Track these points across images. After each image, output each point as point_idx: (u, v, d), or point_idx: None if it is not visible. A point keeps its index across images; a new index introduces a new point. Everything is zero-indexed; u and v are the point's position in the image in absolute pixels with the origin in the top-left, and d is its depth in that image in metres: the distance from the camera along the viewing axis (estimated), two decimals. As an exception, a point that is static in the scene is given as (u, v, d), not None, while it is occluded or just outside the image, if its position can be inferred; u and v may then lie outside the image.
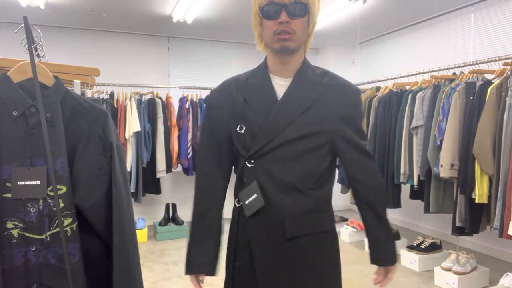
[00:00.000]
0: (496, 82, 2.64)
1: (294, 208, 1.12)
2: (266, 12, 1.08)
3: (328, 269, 1.16)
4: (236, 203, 1.24)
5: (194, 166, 4.64)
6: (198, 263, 1.20)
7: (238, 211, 1.24)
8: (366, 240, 4.17)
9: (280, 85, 1.16)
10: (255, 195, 1.15)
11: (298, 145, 1.12)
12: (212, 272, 1.21)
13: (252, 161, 1.15)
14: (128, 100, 4.25)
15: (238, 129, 1.16)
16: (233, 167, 1.33)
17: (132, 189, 4.23)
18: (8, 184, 0.99)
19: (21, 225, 1.00)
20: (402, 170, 3.35)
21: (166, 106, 4.53)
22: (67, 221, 1.02)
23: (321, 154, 1.14)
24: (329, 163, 1.17)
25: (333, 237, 1.19)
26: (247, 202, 1.16)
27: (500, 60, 2.74)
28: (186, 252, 1.22)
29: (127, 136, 4.14)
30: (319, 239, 1.15)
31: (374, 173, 1.19)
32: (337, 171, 5.16)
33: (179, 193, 5.22)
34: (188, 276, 1.21)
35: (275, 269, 1.12)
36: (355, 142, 1.16)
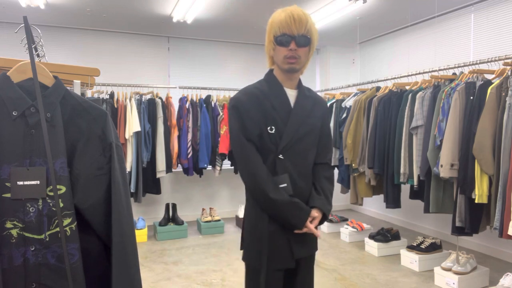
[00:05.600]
0: (496, 82, 2.64)
1: (308, 189, 1.55)
2: (280, 41, 1.45)
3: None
4: None
5: (194, 166, 4.64)
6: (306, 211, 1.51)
7: None
8: (366, 240, 4.15)
9: (290, 94, 1.55)
10: (285, 184, 1.47)
11: (305, 140, 1.53)
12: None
13: (281, 154, 1.49)
14: (128, 100, 4.25)
15: (269, 129, 1.49)
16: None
17: (132, 189, 4.23)
18: (8, 184, 0.99)
19: (20, 225, 1.00)
20: (402, 170, 3.35)
21: (166, 106, 4.53)
22: (66, 221, 1.02)
23: (316, 148, 1.60)
24: None
25: None
26: (280, 186, 1.47)
27: (500, 60, 2.74)
28: (290, 213, 1.47)
29: (127, 136, 4.14)
30: None
31: (328, 166, 1.64)
32: (336, 171, 5.18)
33: (179, 193, 5.22)
34: (187, 276, 1.35)
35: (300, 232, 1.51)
36: (325, 141, 1.63)
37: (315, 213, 1.52)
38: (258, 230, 1.49)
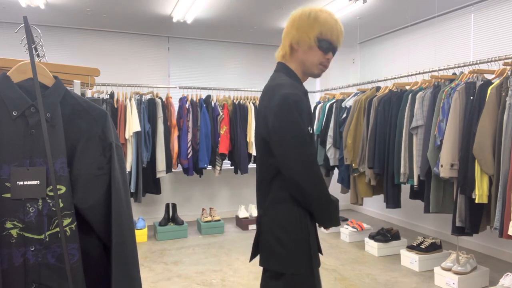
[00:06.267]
0: (496, 82, 2.64)
1: None
2: (323, 46, 1.43)
3: None
4: None
5: (194, 166, 4.64)
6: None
7: None
8: (366, 240, 4.16)
9: None
10: None
11: None
12: None
13: None
14: (128, 100, 4.25)
15: (309, 129, 1.43)
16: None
17: (132, 189, 4.23)
18: (8, 184, 0.99)
19: (20, 225, 1.00)
20: (402, 170, 3.35)
21: (166, 106, 4.53)
22: (66, 221, 1.02)
23: None
24: None
25: None
26: None
27: (500, 60, 2.74)
28: (336, 213, 1.46)
29: (127, 136, 4.14)
30: None
31: None
32: (336, 171, 5.18)
33: (179, 193, 5.22)
34: (187, 276, 1.34)
35: None
36: None
37: None
38: (303, 233, 1.40)
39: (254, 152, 4.73)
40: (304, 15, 1.43)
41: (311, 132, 1.43)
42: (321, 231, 4.73)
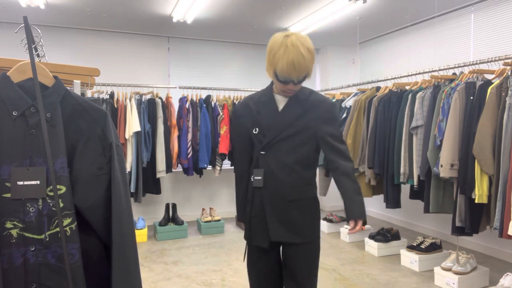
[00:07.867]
0: (496, 82, 2.64)
1: (290, 182, 1.72)
2: (281, 80, 1.62)
3: (311, 218, 1.76)
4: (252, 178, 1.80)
5: (194, 166, 4.64)
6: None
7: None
8: (366, 240, 4.11)
9: (280, 100, 1.76)
10: (259, 177, 1.73)
11: (293, 139, 1.72)
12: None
13: (263, 151, 1.74)
14: (128, 100, 4.25)
15: (254, 131, 1.77)
16: None
17: (132, 189, 4.23)
18: (8, 184, 0.99)
19: (20, 225, 1.00)
20: (402, 170, 3.35)
21: (166, 106, 4.53)
22: (66, 221, 1.02)
23: (309, 146, 1.74)
24: (314, 152, 1.76)
25: (316, 201, 1.80)
26: (255, 177, 1.75)
27: (500, 60, 2.74)
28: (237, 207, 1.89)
29: (127, 136, 4.14)
30: (308, 202, 1.76)
31: (345, 155, 1.73)
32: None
33: (179, 193, 5.22)
34: (187, 276, 1.47)
35: (279, 219, 1.73)
36: (331, 138, 1.72)
37: (352, 224, 1.67)
38: None
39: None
40: (268, 50, 1.61)
41: (256, 132, 1.74)
42: (322, 231, 4.73)
